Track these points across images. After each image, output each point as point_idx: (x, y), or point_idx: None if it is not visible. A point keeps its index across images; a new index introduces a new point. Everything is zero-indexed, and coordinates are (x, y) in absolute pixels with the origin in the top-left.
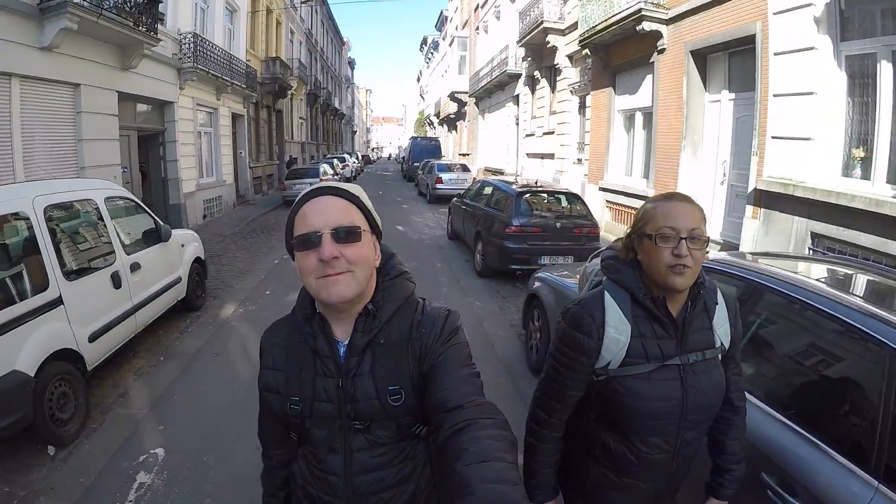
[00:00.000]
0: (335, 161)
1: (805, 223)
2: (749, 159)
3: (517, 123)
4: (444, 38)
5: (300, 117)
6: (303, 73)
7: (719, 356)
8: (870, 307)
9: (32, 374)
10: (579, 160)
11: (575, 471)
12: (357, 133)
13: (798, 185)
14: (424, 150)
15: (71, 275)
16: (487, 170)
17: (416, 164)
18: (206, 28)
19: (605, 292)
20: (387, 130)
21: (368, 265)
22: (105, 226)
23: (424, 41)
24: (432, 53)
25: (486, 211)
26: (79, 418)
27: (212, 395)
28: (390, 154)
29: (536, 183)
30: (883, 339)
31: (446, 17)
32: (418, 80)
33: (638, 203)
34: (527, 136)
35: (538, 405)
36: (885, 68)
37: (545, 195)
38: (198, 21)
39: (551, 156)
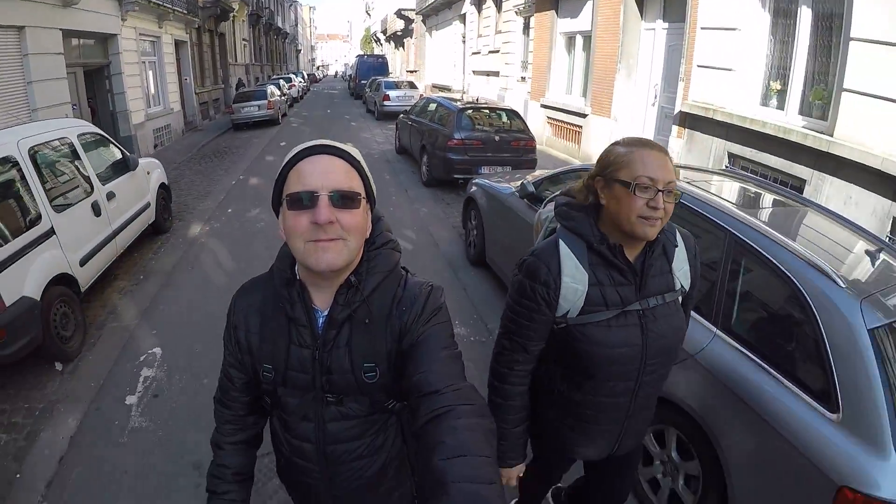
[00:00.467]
0: (281, 82)
1: (723, 144)
2: (677, 84)
3: (464, 41)
4: None
5: (243, 39)
6: None
7: (679, 298)
8: (724, 203)
9: (38, 298)
10: (523, 78)
11: (536, 420)
12: (302, 52)
13: (718, 109)
14: (371, 67)
15: (58, 207)
16: (435, 87)
17: (363, 82)
18: None
19: (560, 241)
20: (332, 48)
21: (362, 234)
22: (81, 160)
23: None
24: None
25: (430, 126)
26: (79, 335)
27: (193, 300)
28: (336, 72)
29: (478, 100)
30: (725, 226)
31: None
32: None
33: (577, 119)
34: (473, 54)
35: (499, 361)
36: (804, 11)
37: (486, 111)
38: None
39: (496, 74)
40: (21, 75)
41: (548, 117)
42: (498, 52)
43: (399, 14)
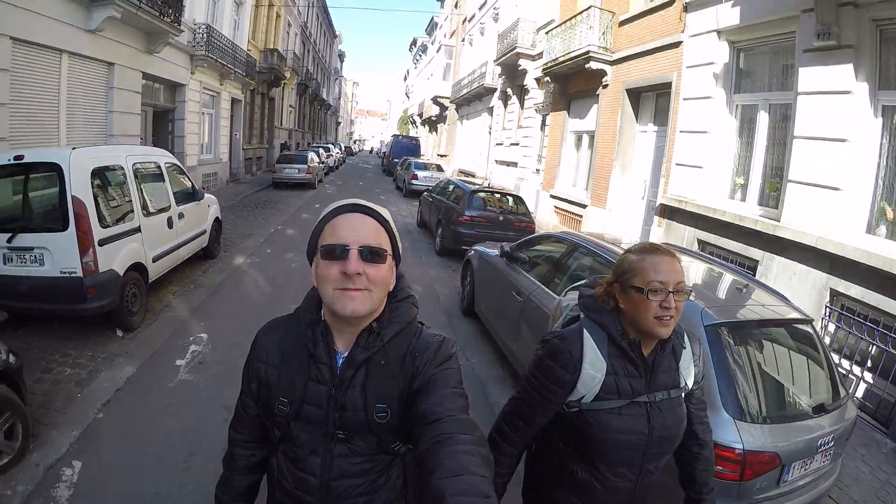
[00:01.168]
0: (320, 150)
1: (693, 232)
2: (660, 180)
3: (490, 132)
4: (432, 43)
5: (290, 105)
6: (296, 65)
7: (682, 395)
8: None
9: (121, 274)
10: (537, 170)
11: (545, 496)
12: (341, 124)
13: (689, 202)
14: (405, 147)
15: (145, 213)
16: (461, 171)
17: (395, 161)
18: (216, 19)
19: (584, 330)
20: (370, 124)
21: (385, 287)
22: (165, 182)
23: (414, 42)
24: (420, 55)
25: (447, 203)
26: (141, 313)
27: (235, 308)
28: (372, 148)
29: (490, 185)
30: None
31: (436, 24)
32: (405, 78)
33: (578, 209)
34: (497, 144)
35: (506, 420)
36: (762, 116)
37: (495, 195)
38: (209, 12)
39: (515, 164)
40: (104, 104)
41: (555, 206)
42: (518, 144)
43: (435, 100)
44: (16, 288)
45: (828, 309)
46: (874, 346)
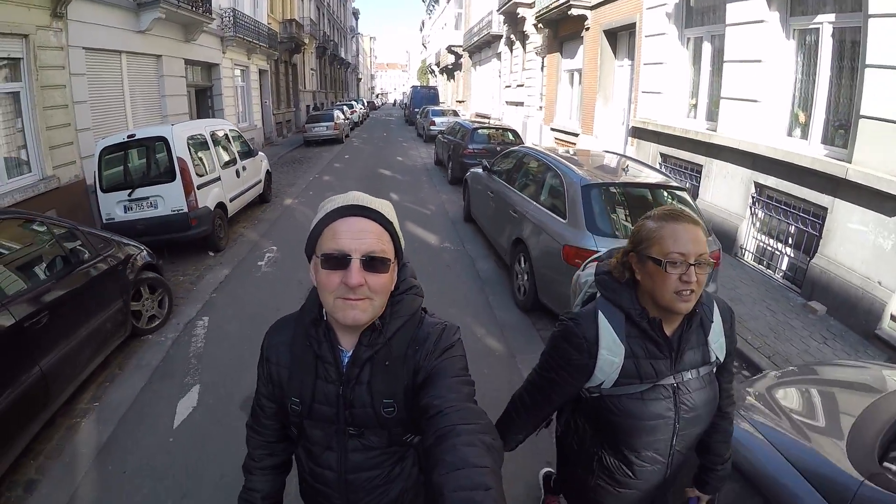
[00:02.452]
0: (344, 108)
1: (657, 147)
2: (631, 106)
3: (500, 76)
4: None
5: (311, 69)
6: (313, 30)
7: (713, 370)
8: (562, 159)
9: (212, 209)
10: (540, 107)
11: (576, 484)
12: (362, 80)
13: (652, 123)
14: (424, 97)
15: (221, 166)
16: (477, 114)
17: (416, 110)
18: (237, 0)
19: (600, 312)
20: (391, 76)
21: (387, 292)
22: (231, 144)
23: None
24: (434, 5)
25: (455, 140)
26: (225, 239)
27: (292, 231)
28: (395, 100)
29: (489, 121)
30: (550, 164)
31: None
32: (421, 28)
33: (572, 137)
34: (506, 87)
35: (527, 392)
36: (706, 46)
37: (493, 129)
38: None
39: (521, 104)
40: (157, 90)
41: (555, 137)
42: (523, 85)
43: (449, 49)
44: (134, 228)
45: (753, 198)
46: (791, 226)
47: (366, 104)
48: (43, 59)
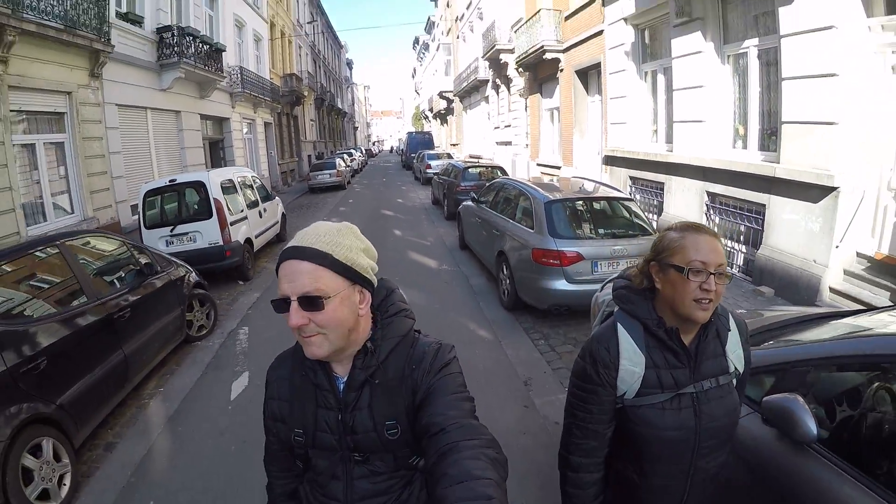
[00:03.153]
0: (345, 156)
1: (626, 171)
2: (602, 137)
3: (489, 118)
4: (433, 41)
5: (311, 120)
6: (311, 82)
7: (734, 381)
8: (531, 185)
9: (242, 243)
10: (526, 145)
11: None
12: (358, 128)
13: (620, 150)
14: (420, 142)
15: (247, 207)
16: (471, 156)
17: (412, 155)
18: (243, 58)
19: (618, 324)
20: (386, 124)
21: (341, 326)
22: (253, 189)
23: (417, 40)
24: (424, 53)
25: (449, 180)
26: (252, 270)
27: None
28: (392, 147)
29: (479, 160)
30: (521, 189)
31: (434, 22)
32: (413, 75)
33: (555, 170)
34: (495, 128)
35: (571, 451)
36: (660, 78)
37: (482, 167)
38: (237, 54)
39: (510, 143)
40: (177, 143)
41: (541, 171)
42: (510, 126)
43: (441, 95)
44: None
45: (707, 205)
46: (741, 225)
47: (364, 152)
48: (83, 113)
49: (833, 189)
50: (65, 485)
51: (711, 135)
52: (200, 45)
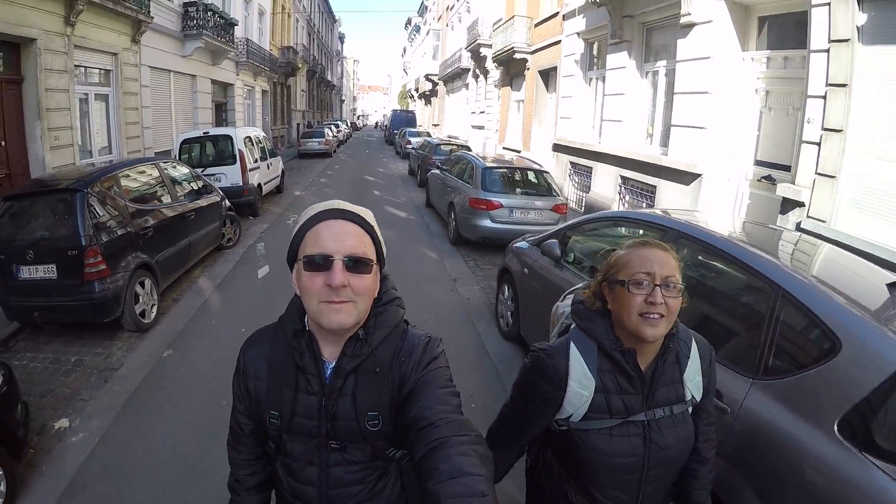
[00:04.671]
0: (332, 126)
1: (568, 157)
2: (553, 128)
3: (467, 103)
4: (424, 24)
5: (302, 90)
6: (305, 55)
7: (689, 409)
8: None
9: (256, 186)
10: (496, 130)
11: None
12: (345, 102)
13: (565, 140)
14: (403, 120)
15: (257, 160)
16: (449, 136)
17: (395, 132)
18: (248, 30)
19: (571, 343)
20: (372, 99)
21: (371, 296)
22: (263, 144)
23: (409, 21)
24: (415, 34)
25: (423, 154)
26: (261, 208)
27: (305, 208)
28: (376, 122)
29: (451, 140)
30: (472, 161)
31: (427, 7)
32: (403, 54)
33: (516, 154)
34: (472, 113)
35: (502, 424)
36: (599, 84)
37: (452, 145)
38: (244, 27)
39: (483, 127)
40: (191, 103)
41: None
42: (484, 112)
43: (427, 77)
44: None
45: (620, 187)
46: (643, 202)
47: (349, 125)
48: (125, 72)
49: (698, 176)
50: (153, 312)
51: (629, 132)
52: (218, 19)
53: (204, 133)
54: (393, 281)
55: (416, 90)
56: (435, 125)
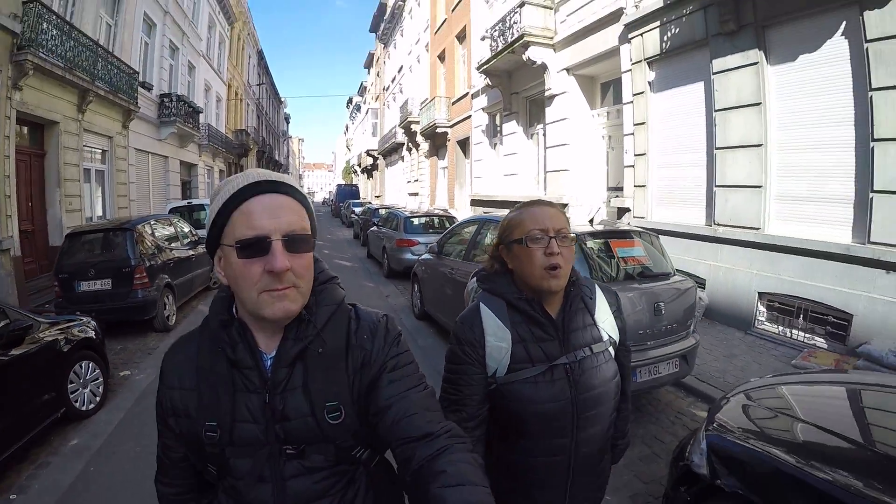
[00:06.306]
0: None
1: (482, 209)
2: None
3: (403, 174)
4: (364, 103)
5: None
6: (255, 136)
7: (610, 349)
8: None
9: None
10: (427, 195)
11: (495, 492)
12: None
13: (478, 195)
14: (347, 193)
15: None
16: (388, 205)
17: (341, 204)
18: (209, 116)
19: (480, 303)
20: (318, 176)
21: (311, 277)
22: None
23: (350, 100)
24: (356, 113)
25: (365, 218)
26: None
27: None
28: (323, 199)
29: (383, 205)
30: (397, 214)
31: (365, 87)
32: (345, 132)
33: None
34: (407, 182)
35: (442, 404)
36: (500, 147)
37: (386, 209)
38: (206, 112)
39: (417, 194)
40: (163, 181)
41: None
42: (418, 180)
43: (368, 153)
44: None
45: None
46: None
47: None
48: (117, 152)
49: (566, 204)
50: (174, 318)
51: (523, 181)
52: (187, 107)
53: (188, 202)
54: (324, 263)
55: (360, 165)
56: (377, 197)
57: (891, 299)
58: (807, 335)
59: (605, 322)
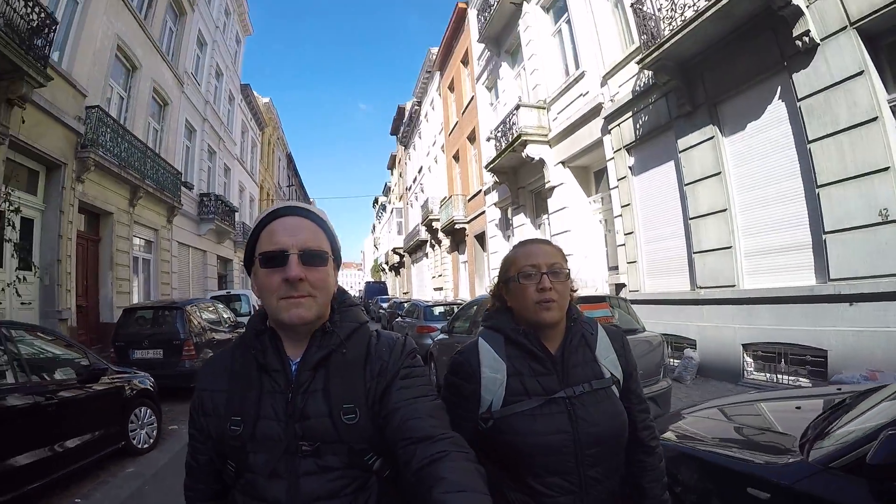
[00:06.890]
0: None
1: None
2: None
3: (428, 270)
4: (389, 203)
5: None
6: None
7: (612, 387)
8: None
9: None
10: (451, 289)
11: None
12: None
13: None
14: (375, 290)
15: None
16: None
17: (369, 301)
18: (243, 214)
19: (480, 338)
20: (348, 276)
21: (329, 292)
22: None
23: (376, 200)
24: (381, 212)
25: (392, 311)
26: None
27: None
28: (353, 296)
29: (408, 299)
30: (417, 304)
31: (390, 187)
32: (372, 231)
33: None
34: (432, 277)
35: None
36: (512, 240)
37: (409, 302)
38: (240, 212)
39: (442, 288)
40: (203, 273)
41: None
42: (442, 275)
43: (394, 251)
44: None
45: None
46: None
47: None
48: (162, 244)
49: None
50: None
51: None
52: (224, 206)
53: (227, 292)
54: (351, 296)
55: (387, 263)
56: (405, 293)
57: (857, 329)
58: (791, 378)
59: (607, 359)
